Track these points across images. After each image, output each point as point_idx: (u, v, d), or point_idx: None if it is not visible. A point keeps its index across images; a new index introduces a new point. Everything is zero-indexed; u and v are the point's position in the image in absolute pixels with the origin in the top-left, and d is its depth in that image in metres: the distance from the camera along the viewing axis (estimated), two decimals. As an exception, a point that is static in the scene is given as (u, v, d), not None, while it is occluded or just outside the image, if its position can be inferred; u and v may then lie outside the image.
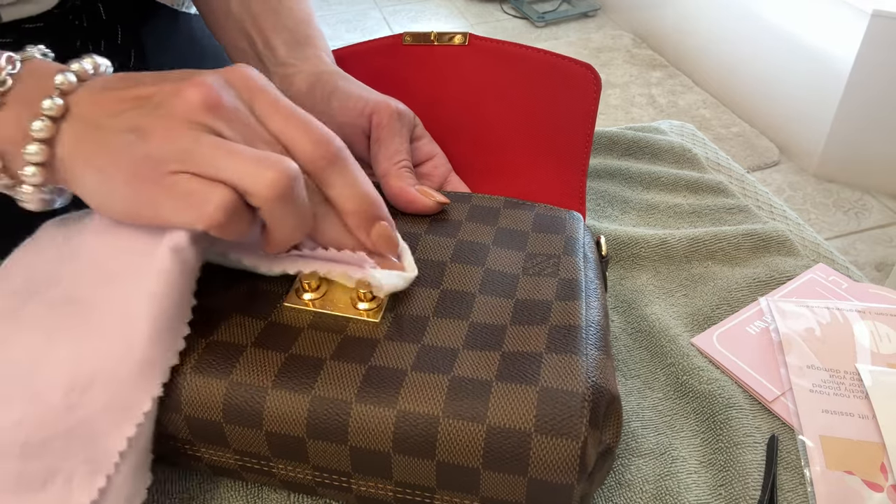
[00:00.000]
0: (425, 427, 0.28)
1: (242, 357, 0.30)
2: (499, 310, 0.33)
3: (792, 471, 0.36)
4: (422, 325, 0.32)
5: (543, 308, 0.33)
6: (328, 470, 0.30)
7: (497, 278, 0.35)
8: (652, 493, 0.35)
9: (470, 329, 0.32)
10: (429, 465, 0.29)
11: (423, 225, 0.39)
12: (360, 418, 0.29)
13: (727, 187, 0.57)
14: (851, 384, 0.40)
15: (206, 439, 0.31)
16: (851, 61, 1.66)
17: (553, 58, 0.47)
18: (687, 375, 0.41)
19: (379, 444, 0.29)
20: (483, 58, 0.48)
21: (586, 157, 0.47)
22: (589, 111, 0.47)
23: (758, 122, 2.03)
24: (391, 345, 0.31)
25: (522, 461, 0.28)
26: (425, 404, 0.28)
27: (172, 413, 0.30)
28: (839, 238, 1.66)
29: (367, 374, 0.30)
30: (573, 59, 0.47)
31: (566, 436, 0.27)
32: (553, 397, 0.28)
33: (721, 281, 0.48)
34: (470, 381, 0.29)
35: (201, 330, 0.31)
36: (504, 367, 0.30)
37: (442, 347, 0.31)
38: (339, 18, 2.74)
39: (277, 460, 0.31)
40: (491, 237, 0.38)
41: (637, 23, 2.56)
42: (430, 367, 0.30)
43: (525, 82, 0.47)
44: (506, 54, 0.48)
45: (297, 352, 0.31)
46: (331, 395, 0.29)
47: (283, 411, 0.29)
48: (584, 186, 0.47)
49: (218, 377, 0.30)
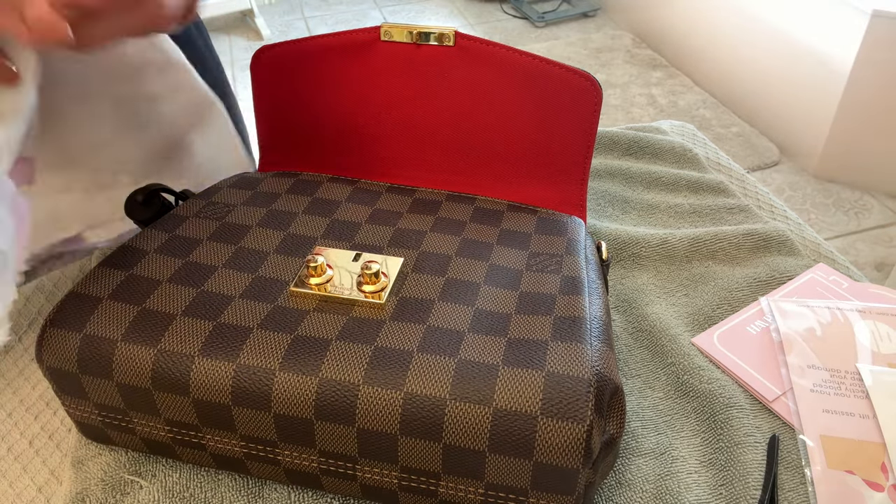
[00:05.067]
0: (432, 409, 0.29)
1: (249, 339, 0.31)
2: (504, 300, 0.34)
3: (792, 470, 0.36)
4: (427, 307, 0.33)
5: (548, 301, 0.33)
6: (334, 455, 0.31)
7: (501, 272, 0.36)
8: (652, 492, 0.35)
9: (475, 315, 0.33)
10: (435, 448, 0.29)
11: (429, 223, 0.39)
12: (367, 400, 0.29)
13: (728, 187, 0.57)
14: (852, 384, 0.40)
15: (214, 424, 0.31)
16: (851, 61, 1.66)
17: (551, 67, 0.44)
18: (687, 375, 0.41)
19: (386, 426, 0.29)
20: (473, 62, 0.45)
21: (586, 169, 0.45)
22: (589, 123, 0.44)
23: (758, 122, 2.03)
24: (396, 325, 0.32)
25: (528, 444, 0.28)
26: (432, 387, 0.29)
27: (180, 396, 0.30)
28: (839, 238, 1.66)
29: (374, 354, 0.30)
30: (573, 70, 0.44)
31: (572, 419, 0.28)
32: (559, 382, 0.29)
33: (722, 281, 0.48)
34: (476, 365, 0.30)
35: (208, 314, 0.32)
36: (510, 353, 0.30)
37: (448, 329, 0.32)
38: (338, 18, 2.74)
39: (284, 445, 0.31)
40: (495, 237, 0.39)
41: (637, 23, 2.56)
42: (436, 348, 0.30)
43: (520, 91, 0.45)
44: (499, 60, 0.44)
45: (303, 333, 0.31)
46: (338, 378, 0.29)
47: (292, 393, 0.29)
48: (584, 197, 0.45)
49: (226, 360, 0.30)
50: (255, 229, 0.38)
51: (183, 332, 0.31)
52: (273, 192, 0.42)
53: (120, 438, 0.34)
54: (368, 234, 0.39)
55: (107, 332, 0.31)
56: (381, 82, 0.45)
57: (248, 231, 0.38)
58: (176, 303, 0.33)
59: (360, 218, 0.40)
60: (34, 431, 0.39)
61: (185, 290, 0.33)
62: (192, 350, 0.31)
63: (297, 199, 0.42)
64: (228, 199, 0.41)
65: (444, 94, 0.46)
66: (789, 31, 1.86)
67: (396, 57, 0.45)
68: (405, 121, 0.45)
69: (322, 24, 2.70)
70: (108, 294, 0.33)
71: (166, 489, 0.35)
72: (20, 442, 0.39)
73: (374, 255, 0.36)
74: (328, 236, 0.38)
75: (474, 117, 0.46)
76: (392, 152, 0.46)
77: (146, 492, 0.35)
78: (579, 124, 0.45)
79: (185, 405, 0.31)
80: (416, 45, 0.44)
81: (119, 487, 0.35)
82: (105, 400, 0.32)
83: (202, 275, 0.34)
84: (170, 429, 0.32)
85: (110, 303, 0.32)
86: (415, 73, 0.45)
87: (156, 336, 0.31)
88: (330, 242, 0.38)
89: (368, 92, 0.45)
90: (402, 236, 0.38)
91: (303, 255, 0.37)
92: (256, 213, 0.40)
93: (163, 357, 0.31)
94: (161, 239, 0.37)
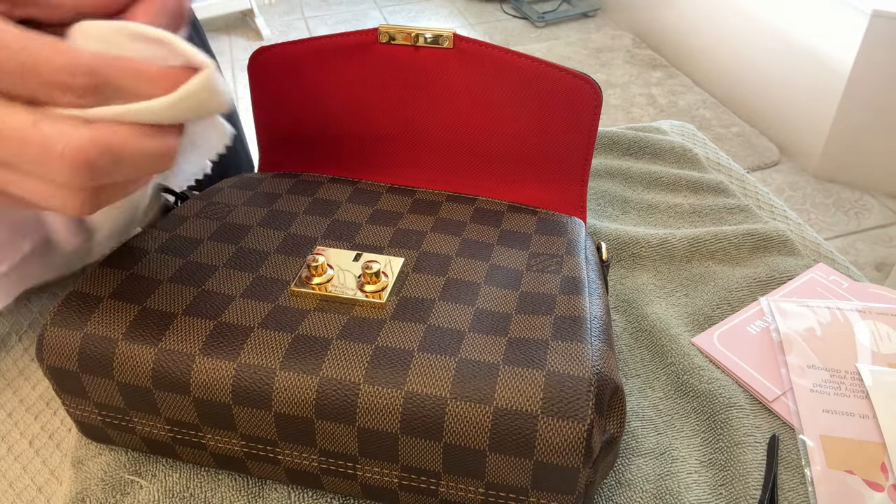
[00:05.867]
0: (433, 408, 0.29)
1: (250, 338, 0.31)
2: (504, 299, 0.34)
3: (792, 470, 0.36)
4: (427, 307, 0.33)
5: (548, 301, 0.33)
6: (335, 454, 0.31)
7: (502, 272, 0.36)
8: (652, 492, 0.35)
9: (476, 314, 0.33)
10: (436, 447, 0.29)
11: (429, 224, 0.39)
12: (368, 399, 0.29)
13: (728, 187, 0.57)
14: (852, 384, 0.40)
15: (214, 423, 0.31)
16: (851, 61, 1.66)
17: (551, 69, 0.44)
18: (687, 375, 0.41)
19: (387, 425, 0.29)
20: (472, 65, 0.45)
21: (586, 171, 0.45)
22: (589, 126, 0.44)
23: (758, 122, 2.03)
24: (397, 324, 0.32)
25: (529, 443, 0.28)
26: (433, 386, 0.29)
27: (181, 395, 0.31)
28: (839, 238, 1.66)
29: (375, 354, 0.30)
30: (572, 72, 0.44)
31: (572, 418, 0.28)
32: (560, 381, 0.29)
33: (721, 281, 0.48)
34: (477, 364, 0.30)
35: (208, 313, 0.32)
36: (510, 352, 0.30)
37: (448, 329, 0.32)
38: (338, 19, 2.74)
39: (284, 444, 0.31)
40: (495, 238, 0.39)
41: (637, 23, 2.56)
42: (436, 348, 0.30)
43: (520, 94, 0.45)
44: (497, 62, 0.44)
45: (304, 332, 0.31)
46: (339, 377, 0.29)
47: (292, 392, 0.30)
48: (584, 198, 0.46)
49: (226, 358, 0.30)
50: (255, 229, 0.38)
51: (184, 331, 0.31)
52: (274, 193, 0.42)
53: (120, 438, 0.34)
54: (369, 234, 0.39)
55: (107, 330, 0.31)
56: (380, 84, 0.45)
57: (248, 231, 0.38)
58: (177, 302, 0.33)
59: (360, 218, 0.40)
60: (34, 431, 0.39)
61: (186, 289, 0.33)
62: (193, 349, 0.31)
63: (298, 199, 0.42)
64: (229, 200, 0.41)
65: (443, 96, 0.46)
66: (789, 31, 1.86)
67: (395, 59, 0.45)
68: (404, 122, 0.45)
69: (322, 24, 2.70)
70: (108, 293, 0.33)
71: (166, 489, 0.35)
72: (20, 442, 0.39)
73: (374, 255, 0.36)
74: (329, 236, 0.38)
75: (473, 119, 0.46)
76: (391, 153, 0.46)
77: (146, 492, 0.35)
78: (579, 127, 0.45)
79: (186, 404, 0.31)
80: (414, 48, 0.45)
81: (119, 487, 0.35)
82: (105, 399, 0.32)
83: (203, 274, 0.35)
84: (170, 428, 0.32)
85: (111, 302, 0.32)
86: (413, 75, 0.45)
87: (156, 335, 0.31)
88: (330, 242, 0.38)
89: (367, 94, 0.45)
90: (402, 236, 0.39)
91: (303, 255, 0.37)
92: (257, 214, 0.40)
93: (163, 356, 0.31)
94: (162, 239, 0.37)
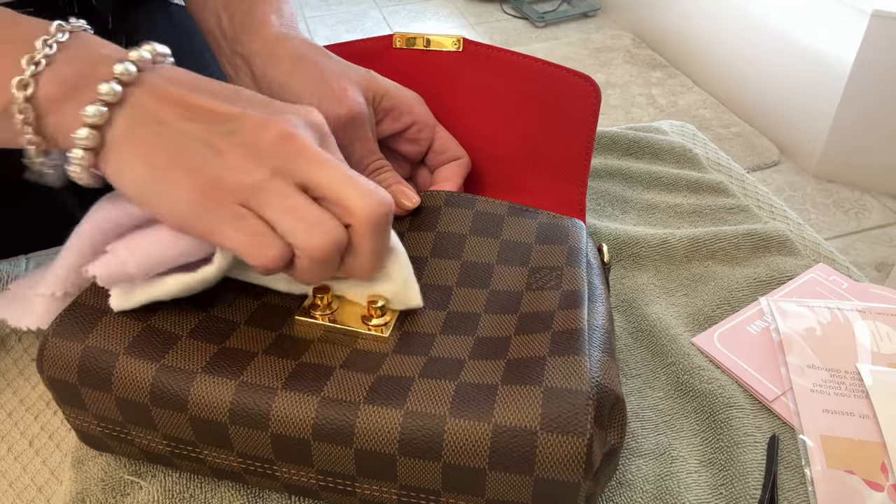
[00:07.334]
0: (432, 428, 0.28)
1: (253, 362, 0.31)
2: (504, 324, 0.34)
3: (792, 470, 0.36)
4: (429, 340, 0.33)
5: (546, 318, 0.33)
6: (332, 473, 0.30)
7: (502, 297, 0.35)
8: (652, 492, 0.35)
9: (476, 343, 0.33)
10: (434, 467, 0.29)
11: (428, 245, 0.39)
12: (366, 420, 0.29)
13: (727, 187, 0.57)
14: (852, 384, 0.40)
15: (210, 441, 0.31)
16: (851, 61, 1.66)
17: (551, 68, 0.45)
18: (687, 375, 0.41)
19: (385, 447, 0.29)
20: (477, 66, 0.46)
21: (586, 169, 0.46)
22: (588, 124, 0.45)
23: (758, 122, 2.03)
24: (399, 357, 0.32)
25: (528, 460, 0.28)
26: (432, 406, 0.29)
27: (178, 413, 0.30)
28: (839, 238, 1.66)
29: (376, 381, 0.30)
30: (573, 71, 0.45)
31: (572, 433, 0.28)
32: (558, 396, 0.28)
33: (721, 281, 0.48)
34: (476, 386, 0.29)
35: (212, 338, 0.32)
36: (509, 373, 0.30)
37: (449, 359, 0.31)
38: (338, 18, 2.74)
39: (281, 464, 0.31)
40: (495, 255, 0.38)
41: (637, 23, 2.56)
42: (437, 374, 0.30)
43: (522, 93, 0.45)
44: (501, 63, 0.45)
45: (308, 360, 0.31)
46: (339, 398, 0.29)
47: (290, 413, 0.29)
48: (583, 199, 0.46)
49: (227, 378, 0.30)
50: None
51: (187, 352, 0.31)
52: None
53: (119, 448, 0.34)
54: None
55: (109, 344, 0.31)
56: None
57: None
58: (182, 324, 0.32)
59: None
60: (34, 431, 0.39)
61: (192, 312, 0.33)
62: (195, 367, 0.30)
63: None
64: None
65: (449, 98, 0.46)
66: (789, 31, 1.86)
67: (406, 62, 0.46)
68: None
69: (322, 24, 2.70)
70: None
71: (166, 490, 0.35)
72: (20, 442, 0.39)
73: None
74: None
75: (477, 120, 0.46)
76: None
77: (146, 492, 0.35)
78: (578, 125, 0.45)
79: (182, 422, 0.30)
80: (424, 52, 0.45)
81: (119, 488, 0.35)
82: (104, 412, 0.32)
83: (209, 299, 0.34)
84: (167, 443, 0.32)
85: (114, 316, 0.32)
86: (422, 78, 0.46)
87: (159, 353, 0.31)
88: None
89: None
90: None
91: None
92: None
93: (164, 373, 0.30)
94: None
